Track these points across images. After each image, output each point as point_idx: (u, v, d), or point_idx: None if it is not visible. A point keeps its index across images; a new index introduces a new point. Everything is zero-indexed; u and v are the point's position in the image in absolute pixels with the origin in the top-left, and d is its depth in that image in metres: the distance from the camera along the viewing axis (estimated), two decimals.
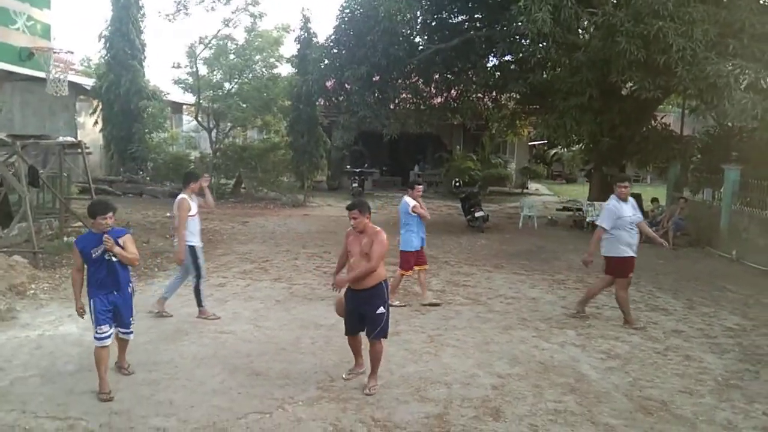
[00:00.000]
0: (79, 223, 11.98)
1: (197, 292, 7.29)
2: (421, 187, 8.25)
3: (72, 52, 6.37)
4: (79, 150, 12.05)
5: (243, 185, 21.46)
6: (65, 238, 11.38)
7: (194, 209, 7.11)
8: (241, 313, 7.52)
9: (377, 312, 5.14)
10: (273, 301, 8.14)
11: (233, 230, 14.38)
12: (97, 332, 4.97)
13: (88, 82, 21.88)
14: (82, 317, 5.19)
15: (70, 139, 14.12)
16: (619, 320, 7.59)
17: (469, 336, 6.82)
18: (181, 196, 7.08)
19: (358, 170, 23.52)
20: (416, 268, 8.11)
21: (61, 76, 6.22)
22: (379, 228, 5.32)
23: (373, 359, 5.26)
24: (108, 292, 5.04)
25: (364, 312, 5.21)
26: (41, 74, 5.93)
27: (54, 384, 5.15)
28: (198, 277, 7.24)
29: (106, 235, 4.82)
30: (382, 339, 5.22)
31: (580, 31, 14.38)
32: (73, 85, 16.28)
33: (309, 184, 20.56)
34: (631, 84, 11.86)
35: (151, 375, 5.41)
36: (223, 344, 6.37)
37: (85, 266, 5.08)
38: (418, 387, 5.32)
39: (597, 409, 5.02)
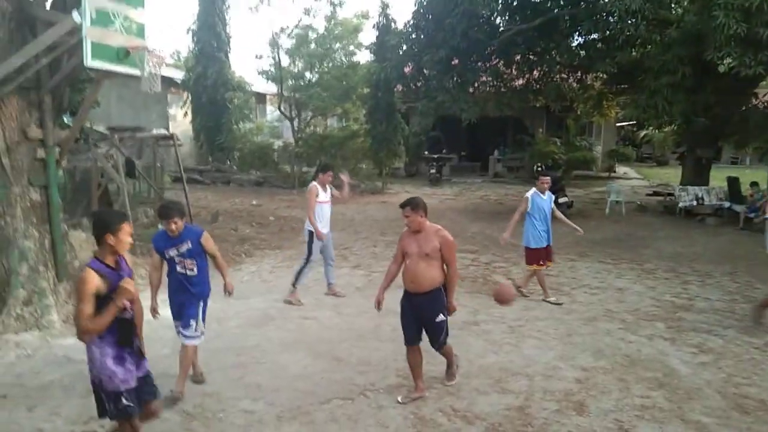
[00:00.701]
0: None
1: (298, 273, 7.68)
2: (547, 178, 7.79)
3: (163, 54, 6.66)
4: (172, 142, 12.68)
5: None
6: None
7: (323, 197, 7.61)
8: (323, 300, 7.71)
9: (437, 320, 4.77)
10: (353, 288, 8.28)
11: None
12: (185, 332, 5.05)
13: (178, 75, 22.94)
14: (156, 318, 5.15)
15: (163, 131, 14.91)
16: (712, 312, 7.19)
17: (551, 327, 6.66)
18: (312, 183, 7.75)
19: (435, 156, 23.38)
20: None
21: (154, 71, 6.50)
22: (438, 226, 4.93)
23: (445, 357, 5.14)
24: (181, 292, 5.05)
25: (423, 319, 4.81)
26: (137, 72, 6.23)
27: (151, 365, 5.47)
28: (306, 260, 7.67)
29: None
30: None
31: (672, 5, 13.52)
32: (164, 79, 17.08)
33: (387, 171, 20.67)
34: (729, 60, 11.01)
35: (239, 358, 5.67)
36: (306, 330, 6.56)
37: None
38: (498, 378, 5.27)
39: (688, 406, 4.79)
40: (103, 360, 3.46)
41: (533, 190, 7.77)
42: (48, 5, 6.74)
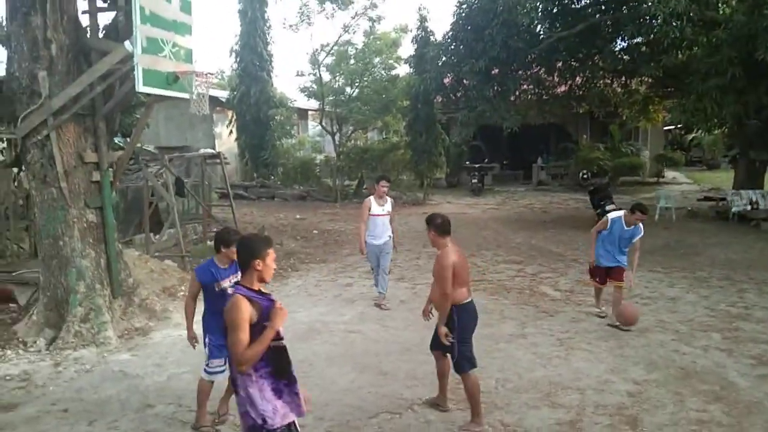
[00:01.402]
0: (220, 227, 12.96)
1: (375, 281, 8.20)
2: (644, 216, 7.03)
3: (212, 74, 6.89)
4: (219, 160, 13.02)
5: (365, 186, 22.04)
6: (208, 242, 12.37)
7: (377, 210, 8.00)
8: (368, 313, 7.75)
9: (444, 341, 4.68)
10: (398, 301, 8.30)
11: (357, 230, 14.79)
12: (208, 366, 4.63)
13: (223, 94, 23.56)
14: (194, 347, 4.79)
15: (210, 150, 15.32)
16: None
17: (601, 339, 6.53)
18: (368, 198, 8.24)
19: (477, 166, 23.26)
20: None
21: (203, 91, 6.72)
22: (449, 244, 4.73)
23: (468, 396, 4.67)
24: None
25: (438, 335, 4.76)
26: (185, 95, 6.45)
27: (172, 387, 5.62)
28: (373, 269, 8.19)
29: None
30: (470, 372, 4.63)
31: (719, 5, 13.16)
32: (210, 99, 17.65)
33: (428, 182, 20.67)
34: None
35: None
36: (352, 343, 6.60)
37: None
38: (548, 392, 5.19)
39: (748, 421, 4.61)
40: (263, 395, 3.14)
41: (620, 213, 7.17)
42: (101, 35, 7.05)
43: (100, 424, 4.81)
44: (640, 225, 6.99)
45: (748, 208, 14.34)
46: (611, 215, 7.26)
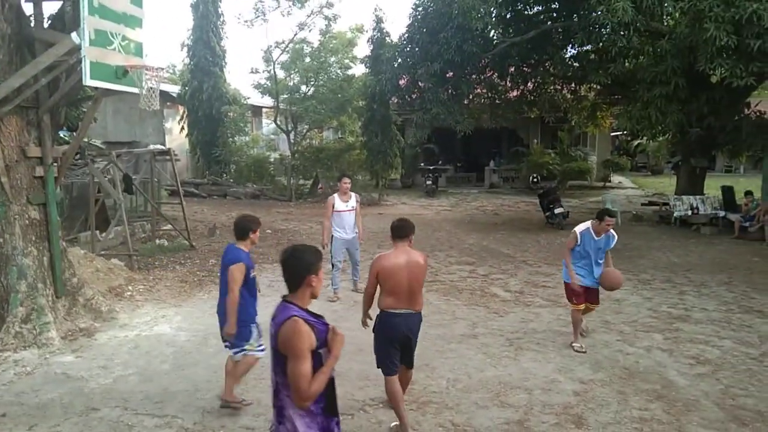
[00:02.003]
0: (169, 226, 12.68)
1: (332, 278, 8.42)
2: (612, 220, 6.46)
3: (162, 68, 6.73)
4: (168, 157, 12.73)
5: (320, 185, 21.95)
6: (157, 241, 12.09)
7: (340, 206, 8.36)
8: (322, 312, 7.70)
9: None
10: (352, 302, 8.29)
11: (311, 230, 14.73)
12: (261, 345, 4.90)
13: (174, 90, 23.04)
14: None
15: (160, 147, 14.96)
16: (709, 322, 7.25)
17: (549, 339, 6.70)
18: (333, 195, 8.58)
19: (431, 167, 23.51)
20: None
21: (153, 85, 6.57)
22: (386, 252, 4.79)
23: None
24: (254, 310, 4.91)
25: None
26: (135, 90, 6.28)
27: (151, 382, 5.50)
28: (331, 264, 8.41)
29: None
30: (386, 378, 4.59)
31: (664, 17, 13.70)
32: (161, 94, 17.24)
33: (383, 183, 20.75)
34: (721, 71, 11.15)
35: None
36: None
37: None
38: (497, 392, 5.29)
39: (686, 418, 4.82)
40: None
41: (586, 225, 6.48)
42: (46, 26, 6.80)
43: (41, 428, 4.64)
44: (612, 231, 6.45)
45: (689, 213, 14.96)
46: (578, 228, 6.48)
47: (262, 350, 4.87)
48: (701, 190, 16.13)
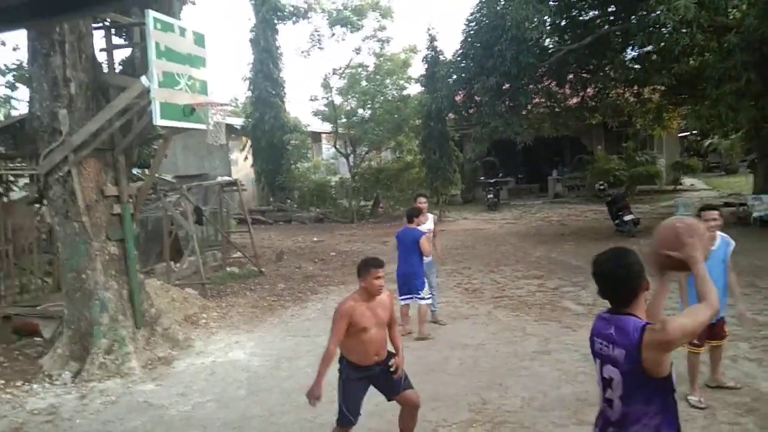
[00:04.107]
0: (239, 254, 13.07)
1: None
2: (714, 213, 5.28)
3: (226, 103, 7.02)
4: (235, 187, 13.16)
5: (381, 205, 22.10)
6: (228, 269, 12.47)
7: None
8: None
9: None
10: (416, 321, 8.25)
11: (374, 250, 14.81)
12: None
13: (238, 122, 23.89)
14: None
15: (227, 178, 15.51)
16: None
17: None
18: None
19: (492, 181, 23.24)
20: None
21: (219, 120, 6.85)
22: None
23: None
24: None
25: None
26: (202, 126, 6.57)
27: (228, 408, 5.64)
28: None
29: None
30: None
31: (729, 10, 13.11)
32: (225, 127, 17.96)
33: (444, 199, 20.68)
34: None
35: None
36: None
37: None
38: (575, 409, 5.11)
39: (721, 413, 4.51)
40: None
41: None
42: (118, 70, 7.22)
43: None
44: (723, 235, 5.20)
45: None
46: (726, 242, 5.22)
47: None
48: None
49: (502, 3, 14.21)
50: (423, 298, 7.42)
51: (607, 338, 2.50)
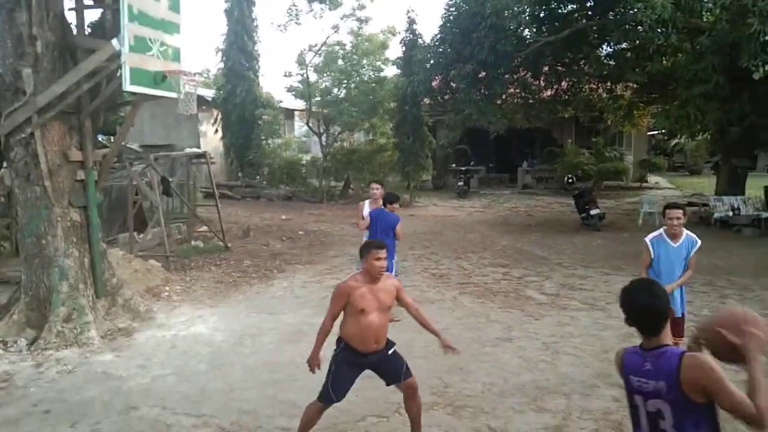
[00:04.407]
0: (205, 227, 12.88)
1: None
2: (678, 212, 5.31)
3: (200, 73, 6.85)
4: (204, 160, 12.93)
5: (351, 187, 22.01)
6: (193, 242, 12.28)
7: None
8: None
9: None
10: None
11: (342, 232, 14.78)
12: None
13: (208, 93, 23.38)
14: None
15: (196, 150, 15.20)
16: None
17: (587, 344, 6.57)
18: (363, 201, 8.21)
19: (463, 168, 23.36)
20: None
21: (190, 90, 6.69)
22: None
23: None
24: None
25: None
26: (173, 95, 6.40)
27: (188, 382, 5.58)
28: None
29: None
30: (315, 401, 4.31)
31: (703, 13, 13.34)
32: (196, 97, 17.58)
33: (415, 184, 20.71)
34: (765, 68, 10.79)
35: (274, 375, 5.71)
36: None
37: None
38: (534, 396, 5.21)
39: (730, 426, 4.65)
40: None
41: (659, 231, 5.48)
42: (87, 32, 6.97)
43: (82, 425, 4.74)
44: (694, 236, 5.31)
45: (730, 214, 14.53)
46: (649, 236, 5.49)
47: None
48: (742, 190, 15.67)
49: None
50: None
51: (646, 374, 2.56)
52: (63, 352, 6.30)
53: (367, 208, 7.92)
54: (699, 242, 5.34)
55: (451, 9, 15.46)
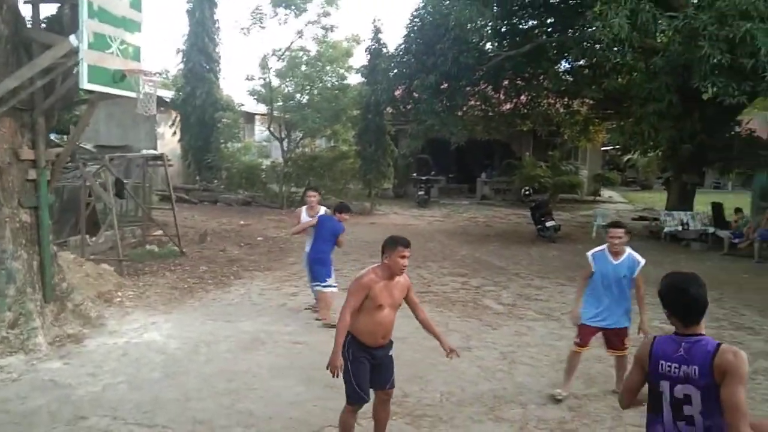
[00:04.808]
0: (160, 231, 12.57)
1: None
2: (619, 231, 5.51)
3: (159, 73, 6.71)
4: (161, 162, 12.64)
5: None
6: (147, 247, 11.97)
7: (305, 219, 7.93)
8: (313, 324, 7.65)
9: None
10: None
11: (302, 238, 14.59)
12: None
13: (167, 94, 22.90)
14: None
15: (153, 152, 14.86)
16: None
17: (543, 353, 6.68)
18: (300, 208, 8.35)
19: (424, 178, 23.52)
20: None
21: (150, 90, 6.54)
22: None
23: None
24: None
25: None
26: (132, 94, 6.24)
27: (141, 390, 5.41)
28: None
29: None
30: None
31: (658, 34, 13.85)
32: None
33: (376, 192, 20.73)
34: (714, 89, 11.27)
35: (230, 384, 5.60)
36: (297, 355, 6.51)
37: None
38: (492, 406, 5.25)
39: None
40: None
41: (603, 247, 5.54)
42: (44, 28, 6.74)
43: None
44: (637, 255, 5.46)
45: (680, 228, 15.04)
46: (592, 251, 5.59)
47: None
48: (691, 206, 16.26)
49: (447, 2, 14.38)
50: (329, 286, 7.61)
51: (678, 360, 2.66)
52: (8, 359, 6.01)
53: (304, 214, 7.99)
54: (642, 262, 5.46)
55: (415, 20, 15.64)
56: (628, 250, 5.48)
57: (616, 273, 5.38)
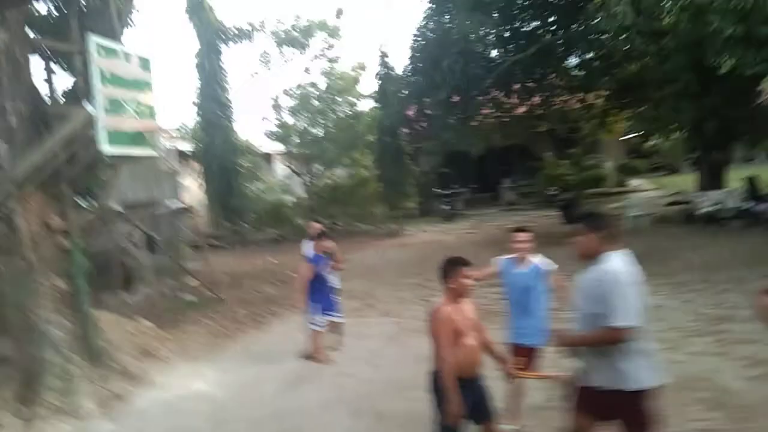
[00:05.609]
0: (196, 281, 12.70)
1: None
2: (523, 235, 5.11)
3: (179, 129, 6.84)
4: (189, 213, 12.83)
5: (337, 223, 21.94)
6: (184, 298, 12.09)
7: (308, 252, 7.93)
8: (356, 353, 7.60)
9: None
10: (385, 338, 8.17)
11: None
12: None
13: (188, 147, 23.39)
14: None
15: (180, 204, 15.11)
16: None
17: None
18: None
19: (447, 192, 23.42)
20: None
21: (169, 146, 6.65)
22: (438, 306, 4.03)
23: None
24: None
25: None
26: (152, 153, 6.36)
27: None
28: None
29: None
30: None
31: (663, 15, 13.67)
32: (175, 152, 17.55)
33: (401, 213, 20.70)
34: (731, 62, 10.99)
35: (282, 425, 5.56)
36: (343, 387, 6.45)
37: None
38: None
39: (750, 425, 4.59)
40: None
41: (514, 255, 5.10)
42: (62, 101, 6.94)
43: None
44: (540, 259, 5.03)
45: (716, 207, 14.63)
46: (502, 257, 5.20)
47: None
48: (724, 183, 15.84)
49: (447, 17, 14.47)
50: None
51: None
52: (59, 425, 6.08)
53: (307, 247, 8.02)
54: (554, 266, 5.02)
55: (418, 38, 15.74)
56: (537, 258, 5.02)
57: (526, 282, 4.95)
